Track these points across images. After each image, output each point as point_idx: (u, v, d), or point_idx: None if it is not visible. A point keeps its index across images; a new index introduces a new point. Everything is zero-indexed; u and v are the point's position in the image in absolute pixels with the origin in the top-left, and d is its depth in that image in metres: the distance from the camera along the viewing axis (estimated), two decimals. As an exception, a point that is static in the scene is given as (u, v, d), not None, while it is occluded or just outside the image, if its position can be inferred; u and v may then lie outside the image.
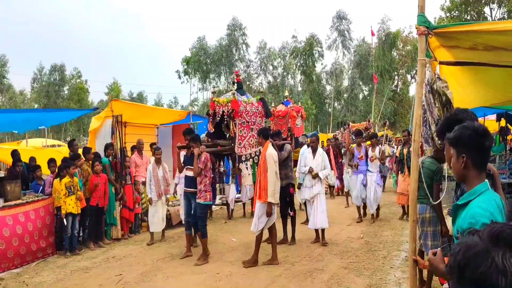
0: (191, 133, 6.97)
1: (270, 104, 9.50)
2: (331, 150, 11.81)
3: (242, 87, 7.61)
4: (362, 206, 8.88)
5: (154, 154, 7.88)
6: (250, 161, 7.25)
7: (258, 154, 6.95)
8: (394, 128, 38.11)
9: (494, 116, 10.52)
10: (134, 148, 8.72)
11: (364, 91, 48.15)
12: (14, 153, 8.24)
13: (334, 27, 47.08)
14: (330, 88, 48.44)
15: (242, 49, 50.39)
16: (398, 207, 9.45)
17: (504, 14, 27.89)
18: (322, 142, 12.48)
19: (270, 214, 5.70)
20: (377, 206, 8.69)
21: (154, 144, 9.07)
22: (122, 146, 8.24)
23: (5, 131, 13.99)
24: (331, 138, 14.70)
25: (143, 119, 9.75)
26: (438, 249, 1.93)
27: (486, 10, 28.42)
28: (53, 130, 38.25)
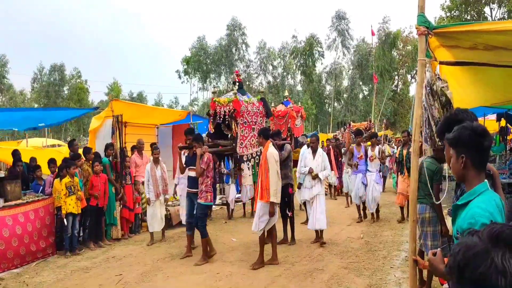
0: (193, 133, 6.87)
1: (270, 104, 9.51)
2: (332, 151, 11.80)
3: (242, 87, 7.60)
4: (362, 207, 8.86)
5: (152, 154, 7.81)
6: (252, 161, 7.23)
7: (259, 154, 6.93)
8: (394, 128, 38.13)
9: (494, 116, 10.51)
10: (134, 148, 8.72)
11: (364, 91, 48.15)
12: (15, 153, 8.26)
13: (334, 27, 47.08)
14: (330, 88, 48.43)
15: (242, 49, 50.43)
16: (398, 207, 9.44)
17: (504, 14, 27.89)
18: (322, 142, 12.46)
19: (272, 214, 5.68)
20: (376, 207, 8.66)
21: (154, 144, 9.06)
22: (122, 146, 8.24)
23: (5, 129, 13.97)
24: (331, 138, 14.70)
25: (143, 119, 9.75)
26: (438, 249, 1.93)
27: (486, 10, 28.44)
28: (53, 130, 38.25)
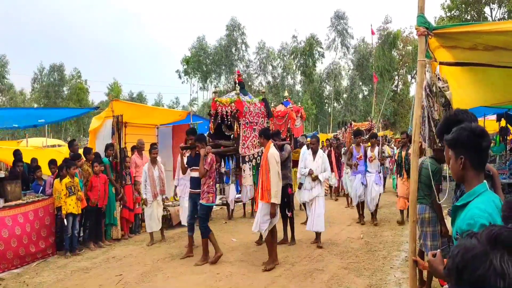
0: (195, 133, 6.74)
1: (270, 104, 9.49)
2: (333, 152, 11.76)
3: (244, 87, 7.54)
4: (361, 207, 8.74)
5: (149, 153, 7.69)
6: (253, 161, 7.18)
7: (260, 154, 6.89)
8: (394, 128, 38.13)
9: (494, 116, 10.52)
10: (134, 148, 8.72)
11: (364, 91, 48.15)
12: (16, 153, 8.25)
13: (333, 27, 47.09)
14: (330, 88, 48.44)
15: (242, 49, 50.43)
16: (398, 208, 9.43)
17: (504, 14, 27.88)
18: (322, 142, 12.43)
19: (274, 215, 5.62)
20: (375, 208, 8.57)
21: (154, 144, 9.05)
22: (122, 146, 8.23)
23: (6, 128, 13.92)
24: (331, 138, 14.68)
25: (143, 119, 9.74)
26: (438, 250, 1.93)
27: (486, 10, 28.43)
28: (53, 130, 38.28)
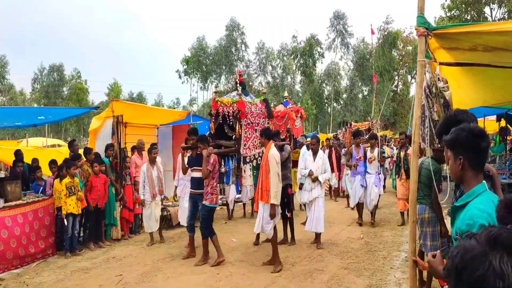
0: (197, 133, 6.62)
1: (270, 104, 9.47)
2: (334, 152, 11.73)
3: (245, 88, 7.50)
4: (360, 208, 8.65)
5: (149, 153, 7.61)
6: (254, 162, 7.16)
7: (261, 155, 6.87)
8: (394, 128, 38.14)
9: (494, 116, 10.52)
10: (134, 148, 8.71)
11: (364, 91, 48.16)
12: (17, 153, 8.24)
13: (333, 28, 47.11)
14: (329, 88, 48.46)
15: (241, 49, 50.45)
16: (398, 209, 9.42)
17: (504, 14, 27.88)
18: (322, 142, 12.40)
19: (273, 216, 5.59)
20: (373, 209, 8.48)
21: (154, 144, 9.04)
22: (122, 146, 8.23)
23: (7, 127, 13.91)
24: (331, 138, 14.67)
25: (143, 120, 9.74)
26: (438, 251, 1.93)
27: (486, 10, 28.42)
28: (53, 130, 38.29)
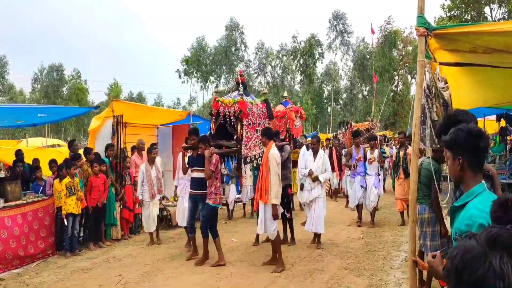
0: (197, 133, 6.55)
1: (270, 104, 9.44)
2: (334, 151, 11.71)
3: (246, 88, 7.48)
4: (360, 209, 8.61)
5: (149, 153, 7.55)
6: (255, 162, 7.14)
7: (261, 155, 6.84)
8: (394, 128, 38.15)
9: (494, 116, 10.52)
10: (134, 148, 8.71)
11: (364, 91, 48.17)
12: (18, 153, 8.23)
13: (332, 28, 47.13)
14: (328, 88, 48.47)
15: (241, 49, 50.47)
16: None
17: (504, 14, 27.87)
18: (322, 142, 12.36)
19: (276, 217, 5.54)
20: (372, 211, 8.44)
21: (155, 144, 9.03)
22: (122, 146, 8.22)
23: (8, 127, 13.91)
24: (330, 138, 14.65)
25: (143, 120, 9.74)
26: (438, 252, 1.93)
27: (486, 10, 28.41)
28: (53, 130, 38.27)
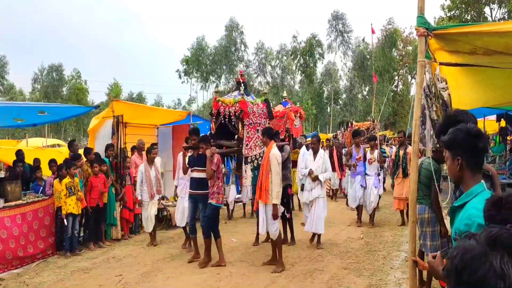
0: (198, 133, 6.51)
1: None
2: (335, 151, 11.69)
3: (246, 87, 7.47)
4: (360, 209, 8.58)
5: (148, 153, 7.51)
6: (255, 162, 7.13)
7: (261, 155, 6.83)
8: (394, 128, 38.14)
9: (494, 116, 10.52)
10: (134, 148, 8.71)
11: (363, 91, 48.17)
12: (18, 153, 8.22)
13: (332, 28, 47.13)
14: (328, 88, 48.48)
15: (241, 49, 50.50)
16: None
17: (504, 14, 27.87)
18: (322, 143, 12.35)
19: (276, 217, 5.53)
20: (372, 211, 8.41)
21: (155, 144, 9.03)
22: (122, 146, 8.22)
23: (8, 126, 13.90)
24: (330, 138, 14.65)
25: (144, 120, 9.74)
26: (438, 252, 1.93)
27: (486, 10, 28.41)
28: (52, 130, 38.27)
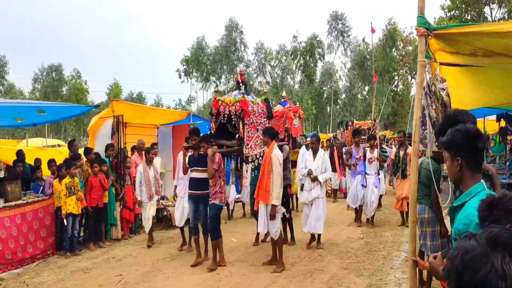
0: (198, 133, 6.48)
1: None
2: (336, 151, 11.68)
3: (246, 87, 7.47)
4: (359, 210, 8.56)
5: (147, 154, 7.49)
6: (256, 162, 7.12)
7: (262, 155, 6.82)
8: (394, 128, 38.15)
9: (494, 116, 10.52)
10: (134, 148, 8.71)
11: (363, 91, 48.19)
12: (19, 153, 8.22)
13: (332, 28, 47.16)
14: (327, 88, 48.49)
15: (240, 49, 50.51)
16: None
17: (504, 14, 27.90)
18: (322, 143, 12.33)
19: (273, 217, 5.51)
20: (373, 212, 8.36)
21: (155, 144, 9.03)
22: (122, 146, 8.22)
23: (9, 126, 13.91)
24: (330, 138, 14.63)
25: (144, 120, 9.74)
26: (439, 253, 1.93)
27: (486, 10, 28.44)
28: (52, 130, 38.28)
